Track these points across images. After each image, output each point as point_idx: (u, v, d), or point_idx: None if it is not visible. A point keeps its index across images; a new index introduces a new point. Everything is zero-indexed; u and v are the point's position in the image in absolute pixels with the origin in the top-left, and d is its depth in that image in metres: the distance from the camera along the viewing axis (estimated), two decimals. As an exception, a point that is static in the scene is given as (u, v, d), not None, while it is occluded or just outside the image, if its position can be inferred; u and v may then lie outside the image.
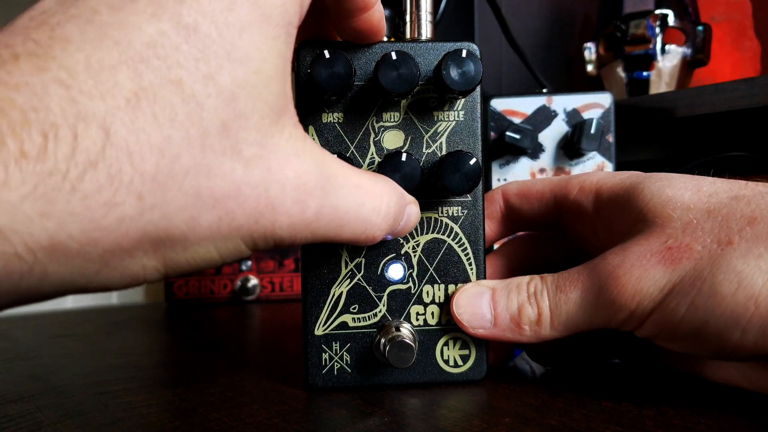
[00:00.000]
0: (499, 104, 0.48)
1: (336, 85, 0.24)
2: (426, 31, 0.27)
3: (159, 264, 0.16)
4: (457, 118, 0.26)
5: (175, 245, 0.16)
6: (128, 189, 0.15)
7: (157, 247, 0.16)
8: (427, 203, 0.26)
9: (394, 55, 0.24)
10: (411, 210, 0.24)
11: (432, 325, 0.27)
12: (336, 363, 0.26)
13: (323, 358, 0.26)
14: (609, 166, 0.47)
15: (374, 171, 0.26)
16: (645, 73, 0.67)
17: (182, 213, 0.16)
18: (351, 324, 0.26)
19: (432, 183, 0.26)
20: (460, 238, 0.27)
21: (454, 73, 0.24)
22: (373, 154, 0.26)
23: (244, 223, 0.17)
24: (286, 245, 0.19)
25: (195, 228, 0.16)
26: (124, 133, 0.14)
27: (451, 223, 0.27)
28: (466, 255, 0.27)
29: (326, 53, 0.24)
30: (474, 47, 0.25)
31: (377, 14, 0.24)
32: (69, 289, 0.15)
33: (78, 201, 0.14)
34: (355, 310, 0.26)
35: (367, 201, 0.21)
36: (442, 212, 0.27)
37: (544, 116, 0.47)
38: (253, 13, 0.17)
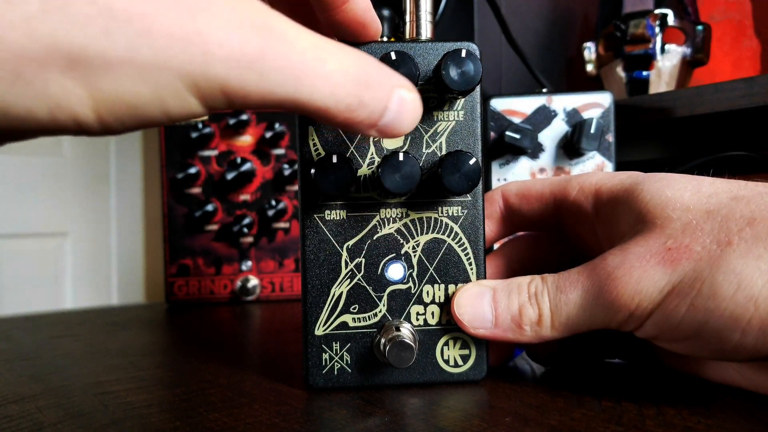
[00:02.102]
0: (498, 104, 0.48)
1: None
2: (426, 31, 0.27)
3: (83, 91, 0.15)
4: (456, 118, 0.26)
5: (94, 64, 0.15)
6: None
7: (74, 64, 0.15)
8: (427, 203, 0.27)
9: (393, 55, 0.24)
10: (404, 94, 0.19)
11: (432, 325, 0.27)
12: (336, 363, 0.26)
13: (323, 358, 0.26)
14: (609, 166, 0.47)
15: (374, 171, 0.26)
16: (645, 73, 0.67)
17: (93, 23, 0.15)
18: (351, 324, 0.26)
19: (432, 183, 0.26)
20: (460, 238, 0.27)
21: (453, 73, 0.24)
22: (372, 154, 0.26)
23: (170, 47, 0.15)
24: (239, 97, 0.17)
25: (112, 44, 0.15)
26: None
27: (451, 223, 0.27)
28: (466, 255, 0.27)
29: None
30: (474, 47, 0.25)
31: (360, 4, 0.23)
32: None
33: None
34: (355, 310, 0.26)
35: (330, 59, 0.18)
36: (442, 212, 0.27)
37: (544, 116, 0.47)
38: None
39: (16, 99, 0.15)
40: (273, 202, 0.62)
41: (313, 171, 0.24)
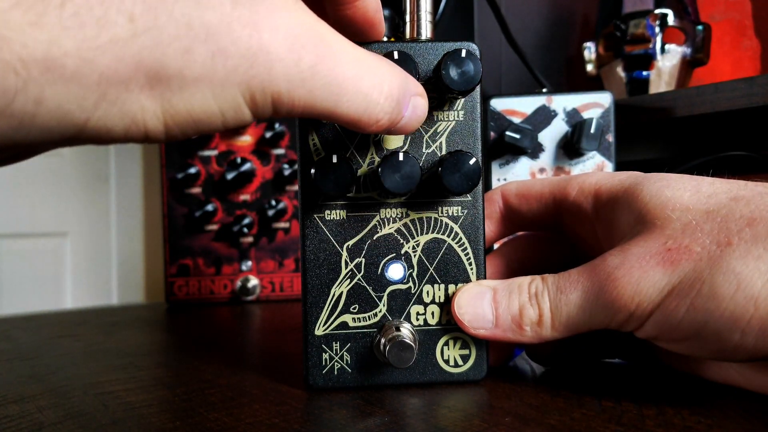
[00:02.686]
0: (498, 104, 0.48)
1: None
2: (425, 31, 0.27)
3: (157, 107, 0.16)
4: (456, 118, 0.26)
5: (171, 82, 0.16)
6: (119, 8, 0.15)
7: (153, 82, 0.16)
8: (427, 203, 0.27)
9: (393, 55, 0.24)
10: (417, 101, 0.22)
11: (432, 325, 0.27)
12: (336, 363, 0.26)
13: (323, 358, 0.26)
14: (609, 166, 0.47)
15: (374, 171, 0.26)
16: (645, 73, 0.67)
17: (175, 43, 0.16)
18: (351, 324, 0.26)
19: (432, 183, 0.26)
20: (460, 238, 0.27)
21: (453, 72, 0.24)
22: (372, 154, 0.26)
23: (239, 65, 0.17)
24: (285, 108, 0.18)
25: (190, 63, 0.16)
26: None
27: (451, 223, 0.27)
28: (466, 255, 0.27)
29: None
30: (473, 47, 0.25)
31: (372, 4, 0.23)
32: (66, 124, 0.15)
33: (69, 16, 0.14)
34: (355, 310, 0.26)
35: (368, 76, 0.20)
36: (442, 212, 0.27)
37: (544, 116, 0.47)
38: None
39: (98, 118, 0.16)
40: (273, 202, 0.62)
41: (313, 171, 0.24)
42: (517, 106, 0.48)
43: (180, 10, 0.16)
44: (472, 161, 0.25)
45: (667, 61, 0.67)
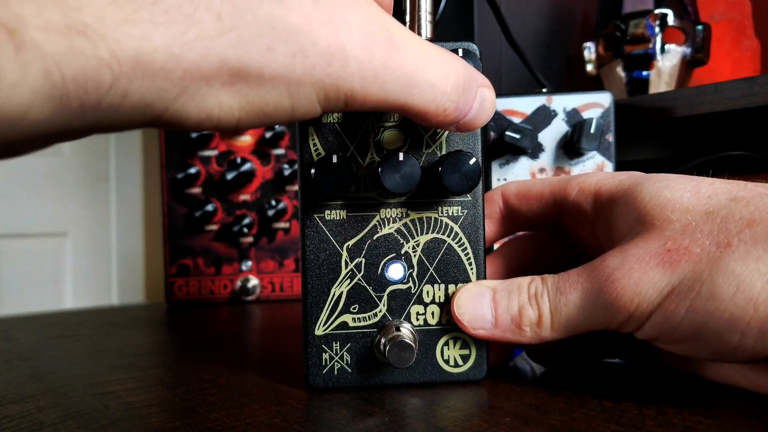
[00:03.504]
0: (498, 104, 0.48)
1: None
2: (426, 31, 0.27)
3: (234, 102, 0.17)
4: (456, 119, 0.26)
5: (251, 80, 0.16)
6: (207, 7, 0.15)
7: (234, 79, 0.16)
8: (427, 203, 0.27)
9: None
10: (485, 93, 0.22)
11: (432, 325, 0.27)
12: (336, 363, 0.26)
13: (323, 358, 0.26)
14: (609, 166, 0.47)
15: (374, 171, 0.26)
16: (644, 73, 0.67)
17: (258, 41, 0.16)
18: (351, 324, 0.26)
19: (432, 183, 0.26)
20: (460, 238, 0.27)
21: (453, 73, 0.24)
22: (373, 154, 0.26)
23: (317, 64, 0.17)
24: (358, 103, 0.19)
25: (270, 62, 0.16)
26: None
27: (451, 223, 0.27)
28: (466, 255, 0.27)
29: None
30: (473, 47, 0.25)
31: (384, 1, 0.24)
32: (146, 114, 0.16)
33: (160, 12, 0.15)
34: (355, 310, 0.26)
35: (434, 67, 0.20)
36: (442, 212, 0.27)
37: (544, 116, 0.47)
38: None
39: (176, 110, 0.16)
40: (273, 202, 0.62)
41: (313, 171, 0.24)
42: (517, 106, 0.48)
43: (264, 10, 0.16)
44: (472, 161, 0.25)
45: (667, 61, 0.67)
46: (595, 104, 0.47)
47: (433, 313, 0.27)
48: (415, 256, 0.27)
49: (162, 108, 0.16)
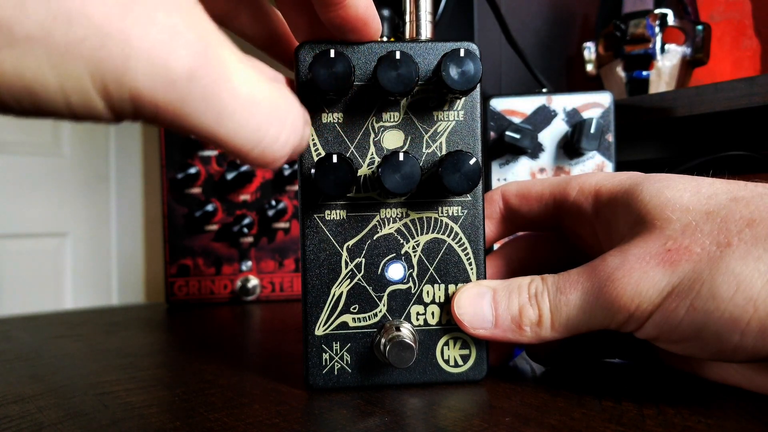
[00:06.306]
0: (498, 104, 0.48)
1: (336, 85, 0.24)
2: (425, 31, 0.27)
3: None
4: (456, 118, 0.26)
5: (1, 33, 0.14)
6: None
7: None
8: (427, 203, 0.27)
9: (393, 55, 0.24)
10: (306, 131, 0.21)
11: (432, 325, 0.27)
12: (336, 363, 0.26)
13: (323, 358, 0.26)
14: (609, 166, 0.47)
15: (374, 171, 0.26)
16: (644, 73, 0.67)
17: None
18: (351, 324, 0.26)
19: (432, 183, 0.26)
20: (460, 238, 0.27)
21: (453, 72, 0.24)
22: (373, 154, 0.26)
23: (87, 38, 0.14)
24: (148, 111, 0.16)
25: (23, 20, 0.14)
26: None
27: (451, 223, 0.27)
28: (466, 255, 0.27)
29: (325, 53, 0.24)
30: (473, 47, 0.25)
31: (361, 2, 0.23)
32: None
33: None
34: (355, 310, 0.26)
35: (265, 102, 0.17)
36: (442, 212, 0.27)
37: (544, 116, 0.47)
38: None
39: None
40: (273, 202, 0.62)
41: (313, 171, 0.24)
42: (517, 106, 0.48)
43: None
44: (472, 161, 0.25)
45: (667, 61, 0.67)
46: (595, 104, 0.47)
47: (433, 313, 0.27)
48: (415, 256, 0.27)
49: None
